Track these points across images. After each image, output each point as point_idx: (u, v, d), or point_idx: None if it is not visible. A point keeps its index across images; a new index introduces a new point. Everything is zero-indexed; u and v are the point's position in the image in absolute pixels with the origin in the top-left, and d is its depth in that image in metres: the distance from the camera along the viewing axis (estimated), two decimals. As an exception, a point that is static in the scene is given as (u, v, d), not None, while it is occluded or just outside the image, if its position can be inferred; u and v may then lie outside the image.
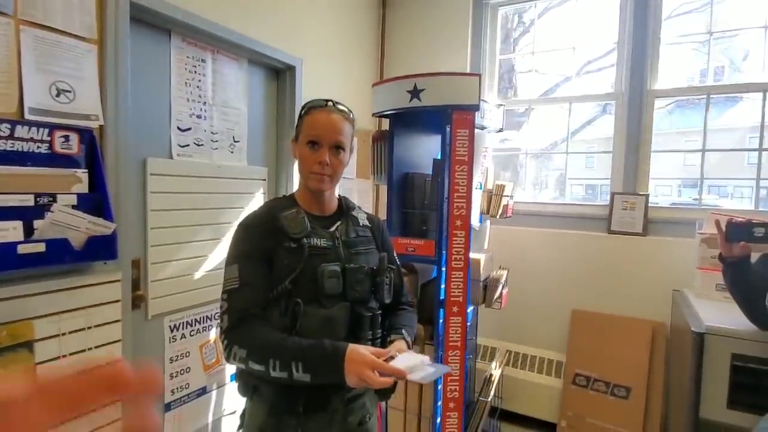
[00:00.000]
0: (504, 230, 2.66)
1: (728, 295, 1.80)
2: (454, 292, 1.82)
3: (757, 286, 1.36)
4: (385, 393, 1.12)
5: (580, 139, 2.76)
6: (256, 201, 2.26)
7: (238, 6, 2.00)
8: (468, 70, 2.78)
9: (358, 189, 2.87)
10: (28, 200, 1.26)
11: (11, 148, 1.24)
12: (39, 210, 1.27)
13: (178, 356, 1.92)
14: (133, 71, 1.62)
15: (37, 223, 1.25)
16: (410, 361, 0.98)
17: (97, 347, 1.48)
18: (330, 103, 1.11)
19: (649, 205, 2.42)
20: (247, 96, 2.19)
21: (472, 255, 1.96)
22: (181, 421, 1.93)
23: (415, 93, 1.80)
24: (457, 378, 1.85)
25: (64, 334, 1.39)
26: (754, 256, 1.44)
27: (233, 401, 2.17)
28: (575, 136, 2.85)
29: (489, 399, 2.08)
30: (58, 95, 1.35)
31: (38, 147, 1.30)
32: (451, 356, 1.84)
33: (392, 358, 0.98)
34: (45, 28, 1.32)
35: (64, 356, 1.39)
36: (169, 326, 1.88)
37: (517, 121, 2.97)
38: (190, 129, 1.93)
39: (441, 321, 1.84)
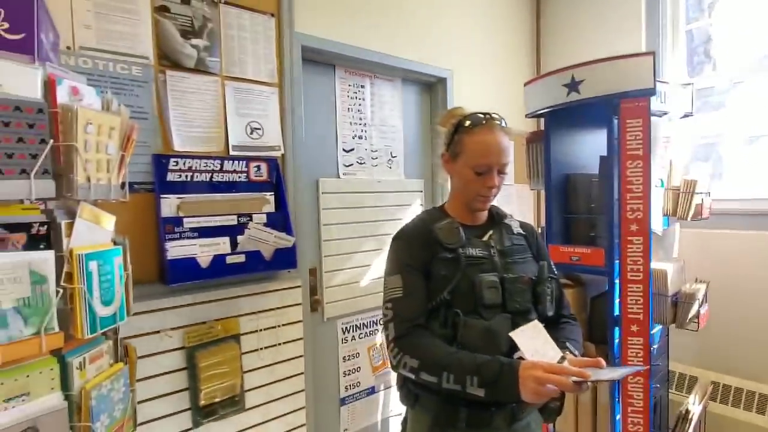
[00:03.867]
0: (701, 235, 2.19)
1: None
2: (632, 308, 1.58)
3: None
4: (551, 413, 1.04)
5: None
6: (414, 211, 2.36)
7: (390, 32, 2.14)
8: (643, 50, 2.40)
9: (518, 195, 2.75)
10: (233, 220, 1.56)
11: (221, 179, 1.56)
12: (240, 228, 1.56)
13: (349, 356, 2.12)
14: (305, 104, 1.87)
15: (239, 239, 1.55)
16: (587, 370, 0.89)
17: (284, 343, 1.74)
18: (489, 118, 1.06)
19: None
20: (401, 112, 2.32)
21: (656, 265, 1.67)
22: (354, 417, 2.11)
23: (572, 86, 1.64)
24: (640, 410, 1.58)
25: (261, 330, 1.67)
26: None
27: (399, 404, 2.28)
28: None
29: (687, 439, 1.72)
30: (251, 133, 1.66)
31: (239, 176, 1.61)
32: (631, 383, 1.59)
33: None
34: (241, 80, 1.63)
35: (261, 349, 1.67)
36: (342, 328, 2.09)
37: (718, 102, 2.42)
38: (353, 149, 2.13)
39: (617, 341, 1.61)
